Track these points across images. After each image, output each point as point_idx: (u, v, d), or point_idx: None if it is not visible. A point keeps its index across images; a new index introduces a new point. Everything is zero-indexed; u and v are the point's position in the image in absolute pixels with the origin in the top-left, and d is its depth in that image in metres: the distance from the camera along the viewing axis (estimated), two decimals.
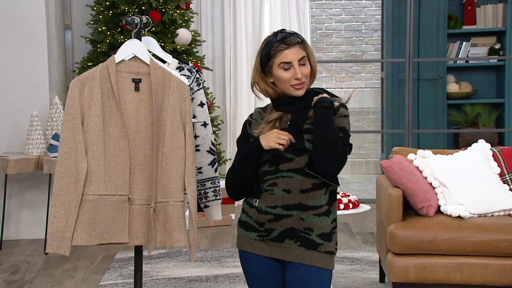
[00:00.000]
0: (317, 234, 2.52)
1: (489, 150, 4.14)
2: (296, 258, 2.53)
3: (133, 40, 3.02)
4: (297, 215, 2.51)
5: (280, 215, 2.52)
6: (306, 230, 2.52)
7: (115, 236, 2.97)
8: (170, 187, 2.98)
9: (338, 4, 8.94)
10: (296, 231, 2.52)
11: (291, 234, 2.52)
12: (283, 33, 2.53)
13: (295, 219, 2.51)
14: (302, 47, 2.52)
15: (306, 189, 2.51)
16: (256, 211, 2.55)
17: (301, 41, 2.52)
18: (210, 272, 4.64)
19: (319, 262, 2.52)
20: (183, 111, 2.99)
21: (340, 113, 2.54)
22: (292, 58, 2.50)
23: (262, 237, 2.56)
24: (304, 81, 2.51)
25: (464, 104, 7.81)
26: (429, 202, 3.83)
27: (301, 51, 2.51)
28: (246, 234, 2.60)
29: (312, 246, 2.52)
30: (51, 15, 5.77)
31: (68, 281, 4.56)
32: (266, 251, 2.56)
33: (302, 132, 2.53)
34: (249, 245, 2.59)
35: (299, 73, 2.49)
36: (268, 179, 2.54)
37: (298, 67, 2.50)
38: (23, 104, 5.55)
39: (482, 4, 7.78)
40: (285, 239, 2.53)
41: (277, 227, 2.52)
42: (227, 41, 6.79)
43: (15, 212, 5.63)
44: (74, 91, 2.91)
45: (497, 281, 3.70)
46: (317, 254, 2.52)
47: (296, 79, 2.50)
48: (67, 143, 2.90)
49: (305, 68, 2.52)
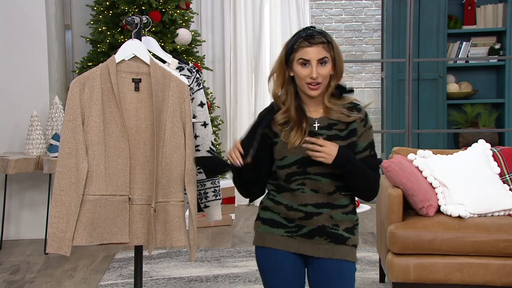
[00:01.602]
0: (343, 228, 2.58)
1: (489, 150, 4.14)
2: (326, 253, 2.57)
3: (133, 40, 3.03)
4: (327, 213, 2.56)
5: (311, 213, 2.55)
6: (334, 226, 2.57)
7: (116, 236, 2.97)
8: (170, 187, 2.98)
9: (338, 4, 8.94)
10: (326, 228, 2.56)
11: (321, 231, 2.56)
12: (310, 30, 2.53)
13: (325, 217, 2.56)
14: (326, 48, 2.51)
15: (331, 192, 2.56)
16: (285, 208, 2.57)
17: (326, 42, 2.52)
18: (210, 272, 4.64)
19: (348, 256, 2.58)
20: (183, 111, 2.99)
21: (368, 125, 2.58)
22: (312, 56, 2.50)
23: (291, 233, 2.58)
24: (319, 81, 2.51)
25: (464, 104, 7.80)
26: (429, 202, 3.83)
27: (323, 51, 2.51)
28: (271, 231, 2.61)
29: (341, 240, 2.57)
30: (51, 15, 5.77)
31: (68, 281, 4.56)
32: (293, 247, 2.58)
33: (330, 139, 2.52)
34: (274, 241, 2.60)
35: (315, 72, 2.49)
36: (296, 179, 2.55)
37: (315, 66, 2.50)
38: (23, 104, 5.55)
39: (482, 4, 7.77)
40: (315, 236, 2.57)
41: (307, 224, 2.56)
42: (227, 41, 6.79)
43: (15, 212, 5.62)
44: (75, 91, 2.91)
45: (497, 281, 3.70)
46: (346, 248, 2.58)
47: (311, 77, 2.50)
48: (67, 143, 2.90)
49: (323, 68, 2.51)
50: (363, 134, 2.57)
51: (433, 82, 7.79)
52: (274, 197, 2.61)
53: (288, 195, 2.57)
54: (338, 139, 2.52)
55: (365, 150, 2.57)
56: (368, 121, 2.58)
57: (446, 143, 7.84)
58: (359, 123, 2.56)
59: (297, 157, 2.53)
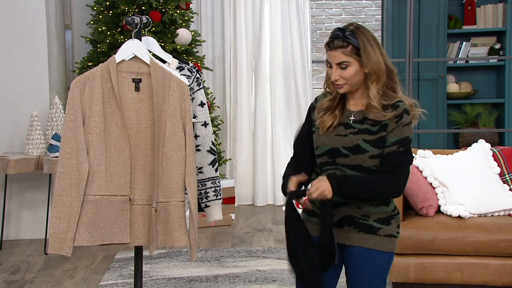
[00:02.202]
0: (374, 219, 2.61)
1: (489, 150, 4.14)
2: (356, 241, 2.62)
3: (133, 40, 3.03)
4: (354, 203, 2.60)
5: (338, 203, 2.60)
6: (363, 217, 2.62)
7: (117, 236, 2.97)
8: (171, 187, 2.98)
9: (338, 4, 8.94)
10: (353, 218, 2.61)
11: (349, 221, 2.62)
12: (335, 33, 2.57)
13: (352, 207, 2.61)
14: (347, 52, 2.54)
15: None
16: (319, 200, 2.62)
17: (345, 45, 2.54)
18: (210, 272, 4.64)
19: (378, 245, 2.61)
20: (183, 111, 2.99)
21: (402, 122, 2.58)
22: (332, 60, 2.58)
23: None
24: (341, 83, 2.58)
25: (464, 104, 7.81)
26: (429, 202, 3.83)
27: (342, 56, 2.55)
28: (309, 218, 2.70)
29: (371, 230, 2.61)
30: (51, 15, 5.77)
31: (68, 281, 4.56)
32: None
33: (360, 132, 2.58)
34: (311, 228, 2.66)
35: (334, 75, 2.57)
36: (327, 169, 2.63)
37: (336, 69, 2.57)
38: (23, 104, 5.55)
39: (482, 4, 7.77)
40: (344, 225, 2.63)
41: (336, 213, 2.62)
42: (227, 41, 6.79)
43: (15, 212, 5.62)
44: (75, 91, 2.91)
45: (497, 281, 3.70)
46: (376, 238, 2.61)
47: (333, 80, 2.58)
48: (68, 143, 2.90)
49: (344, 72, 2.56)
50: (394, 130, 2.57)
51: (433, 82, 7.79)
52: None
53: None
54: (368, 133, 2.58)
55: (393, 145, 2.56)
56: (403, 118, 2.58)
57: (446, 143, 7.84)
58: (392, 119, 2.58)
59: (327, 147, 2.61)
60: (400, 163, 2.56)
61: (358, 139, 2.57)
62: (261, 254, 5.03)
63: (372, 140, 2.56)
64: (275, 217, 6.28)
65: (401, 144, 2.56)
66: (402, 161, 2.57)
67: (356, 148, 2.57)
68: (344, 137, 2.59)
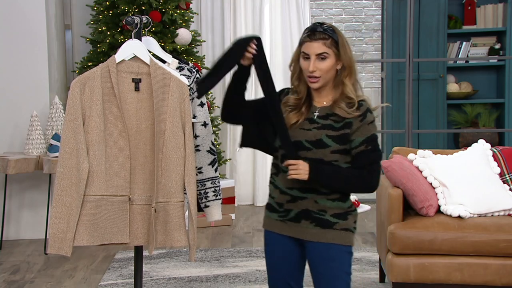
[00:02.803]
0: (331, 214, 2.68)
1: (489, 150, 4.14)
2: (313, 237, 2.70)
3: (133, 40, 3.03)
4: (312, 198, 2.68)
5: (296, 197, 2.69)
6: (320, 211, 2.68)
7: (116, 236, 2.97)
8: (170, 187, 2.98)
9: (338, 4, 8.94)
10: (310, 212, 2.69)
11: (306, 215, 2.70)
12: (314, 26, 2.65)
13: (309, 202, 2.68)
14: (327, 44, 2.63)
15: None
16: (279, 192, 2.72)
17: (327, 38, 2.62)
18: (210, 272, 4.64)
19: (335, 239, 2.69)
20: (183, 111, 2.99)
21: (366, 120, 2.66)
22: (311, 51, 2.63)
23: (282, 217, 2.73)
24: (317, 75, 2.64)
25: (464, 104, 7.80)
26: (429, 202, 3.83)
27: (322, 47, 2.62)
28: (269, 215, 2.81)
29: (328, 225, 2.68)
30: (51, 15, 5.77)
31: (68, 281, 4.56)
32: (286, 230, 2.74)
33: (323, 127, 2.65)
34: (271, 224, 2.78)
35: (312, 65, 2.62)
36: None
37: (314, 61, 2.63)
38: (23, 104, 5.55)
39: (482, 4, 7.77)
40: (301, 219, 2.70)
41: (293, 208, 2.70)
42: (227, 41, 6.79)
43: (15, 212, 5.63)
44: (75, 91, 2.91)
45: (497, 281, 3.70)
46: (333, 232, 2.69)
47: (309, 71, 2.63)
48: (68, 143, 2.90)
49: (322, 63, 2.63)
50: (360, 129, 2.65)
51: (433, 82, 7.78)
52: (274, 181, 2.76)
53: (281, 176, 2.71)
54: (331, 129, 2.65)
55: (361, 144, 2.66)
56: (367, 117, 2.66)
57: (446, 143, 7.84)
58: (356, 117, 2.66)
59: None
60: (371, 161, 2.65)
61: (321, 134, 2.65)
62: (261, 254, 5.03)
63: (334, 136, 2.65)
64: None
65: (368, 143, 2.65)
66: (373, 158, 2.65)
67: (319, 143, 2.65)
68: (307, 131, 2.67)
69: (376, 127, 2.70)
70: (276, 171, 2.77)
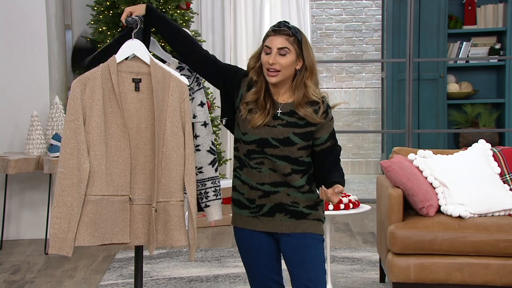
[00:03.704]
0: (303, 206, 2.77)
1: (490, 150, 4.14)
2: (289, 228, 2.76)
3: (133, 40, 3.03)
4: (284, 191, 2.75)
5: (268, 192, 2.76)
6: (293, 203, 2.76)
7: (117, 236, 2.97)
8: (171, 187, 2.98)
9: (338, 4, 8.94)
10: (284, 205, 2.76)
11: (280, 208, 2.76)
12: (281, 23, 2.73)
13: (282, 195, 2.75)
14: (290, 40, 2.69)
15: (287, 173, 2.74)
16: (249, 187, 2.79)
17: (290, 35, 2.68)
18: (210, 272, 4.64)
19: (310, 228, 2.76)
20: (183, 110, 2.99)
21: (329, 117, 2.76)
22: (273, 44, 2.68)
23: (254, 213, 2.80)
24: (277, 68, 2.68)
25: (465, 104, 7.81)
26: (429, 202, 3.83)
27: (284, 42, 2.68)
28: (239, 212, 2.87)
29: (302, 216, 2.76)
30: (52, 15, 5.77)
31: (68, 281, 4.56)
32: (259, 226, 2.80)
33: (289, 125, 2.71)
34: (242, 221, 2.87)
35: (273, 58, 2.67)
36: (255, 157, 2.75)
37: (275, 54, 2.68)
38: (24, 104, 5.55)
39: (483, 4, 7.77)
40: (276, 213, 2.76)
41: (267, 202, 2.76)
42: (228, 41, 6.79)
43: (15, 212, 5.63)
44: (76, 91, 2.91)
45: (497, 281, 3.70)
46: (308, 222, 2.77)
47: (269, 63, 2.67)
48: (69, 143, 2.89)
49: (283, 58, 2.68)
50: (325, 126, 2.75)
51: (433, 82, 7.79)
52: (240, 175, 2.84)
53: (248, 172, 2.78)
54: (296, 127, 2.72)
55: (327, 141, 2.76)
56: (329, 113, 2.75)
57: (446, 143, 7.84)
58: (320, 114, 2.73)
59: (256, 136, 2.74)
60: (337, 154, 2.78)
61: (288, 132, 2.71)
62: None
63: (300, 133, 2.72)
64: None
65: (332, 138, 2.78)
66: (338, 152, 2.79)
67: (286, 141, 2.71)
68: (273, 128, 2.72)
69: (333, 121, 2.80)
70: (240, 165, 2.82)
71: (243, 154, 2.79)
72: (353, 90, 8.86)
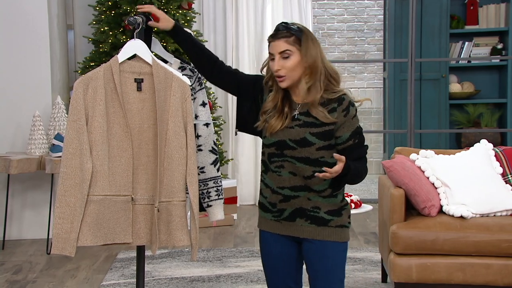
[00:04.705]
0: (325, 211, 2.68)
1: (492, 150, 4.14)
2: (309, 234, 2.70)
3: (135, 40, 3.03)
4: (304, 195, 2.67)
5: (288, 196, 2.69)
6: (314, 208, 2.68)
7: (119, 236, 2.97)
8: (173, 187, 2.98)
9: (340, 4, 8.94)
10: (304, 210, 2.69)
11: (301, 213, 2.69)
12: (278, 25, 2.66)
13: (302, 200, 2.68)
14: (290, 41, 2.61)
15: (308, 176, 2.66)
16: (271, 191, 2.72)
17: (289, 36, 2.61)
18: (212, 272, 4.64)
19: (331, 236, 2.69)
20: (185, 110, 2.99)
21: (350, 115, 2.65)
22: (274, 50, 2.63)
23: (276, 217, 2.74)
24: (282, 74, 2.62)
25: (467, 104, 7.80)
26: (431, 202, 3.83)
27: (284, 45, 2.61)
28: (263, 215, 2.82)
29: (322, 222, 2.68)
30: (54, 15, 5.78)
31: (70, 281, 4.57)
32: (281, 230, 2.74)
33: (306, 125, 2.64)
34: (267, 225, 2.80)
35: (276, 65, 2.62)
36: (275, 161, 2.69)
37: (278, 60, 2.62)
38: (26, 104, 5.56)
39: (485, 4, 7.77)
40: (296, 218, 2.70)
41: (287, 207, 2.70)
42: (229, 41, 6.79)
43: (17, 212, 5.63)
44: (79, 91, 2.91)
45: (499, 281, 3.70)
46: (329, 230, 2.69)
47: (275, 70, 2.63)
48: (71, 143, 2.90)
49: (286, 61, 2.61)
50: (345, 124, 2.65)
51: (435, 82, 7.79)
52: (264, 179, 2.78)
53: (270, 176, 2.72)
54: (314, 126, 2.64)
55: (348, 140, 2.65)
56: (350, 111, 2.65)
57: (448, 143, 7.84)
58: (339, 112, 2.64)
59: (275, 139, 2.68)
60: (360, 154, 2.66)
61: (304, 132, 2.64)
62: None
63: (318, 133, 2.63)
64: None
65: (355, 137, 2.65)
66: (362, 151, 2.67)
67: (303, 141, 2.63)
68: (290, 129, 2.66)
69: (358, 119, 2.68)
70: (265, 169, 2.76)
71: (266, 157, 2.73)
72: (355, 90, 8.86)
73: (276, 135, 2.66)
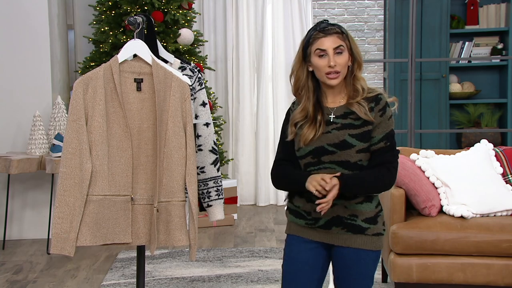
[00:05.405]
0: (362, 219, 2.60)
1: (492, 150, 4.14)
2: (344, 242, 2.62)
3: (135, 40, 3.03)
4: (341, 204, 2.58)
5: None
6: (351, 216, 2.60)
7: (119, 236, 2.97)
8: (172, 187, 2.98)
9: (340, 4, 8.94)
10: (341, 218, 2.60)
11: (338, 222, 2.60)
12: (323, 23, 2.59)
13: (339, 208, 2.59)
14: (341, 37, 2.56)
15: None
16: (305, 200, 2.63)
17: (340, 32, 2.57)
18: (212, 272, 4.64)
19: (366, 245, 2.62)
20: (184, 110, 2.99)
21: (386, 115, 2.59)
22: (328, 46, 2.55)
23: (310, 225, 2.64)
24: (338, 70, 2.55)
25: (467, 104, 7.80)
26: (431, 202, 3.82)
27: (338, 40, 2.55)
28: (296, 221, 2.68)
29: (359, 230, 2.61)
30: (54, 15, 5.77)
31: (70, 281, 4.57)
32: (314, 236, 2.65)
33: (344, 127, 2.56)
34: (298, 230, 2.69)
35: (333, 60, 2.54)
36: (311, 170, 2.60)
37: (332, 55, 2.54)
38: (26, 104, 5.56)
39: (485, 4, 7.76)
40: (332, 226, 2.62)
41: (323, 216, 2.60)
42: (230, 41, 6.79)
43: (18, 212, 5.63)
44: (78, 91, 2.91)
45: (499, 281, 3.69)
46: (365, 238, 2.61)
47: (329, 66, 2.54)
48: (71, 143, 2.90)
49: (340, 57, 2.56)
50: (380, 125, 2.58)
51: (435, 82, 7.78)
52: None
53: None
54: (352, 128, 2.56)
55: (380, 141, 2.57)
56: (387, 111, 2.58)
57: (448, 143, 7.83)
58: (376, 112, 2.58)
59: (310, 147, 2.58)
60: (390, 158, 2.57)
61: (344, 135, 2.56)
62: (263, 254, 5.03)
63: (357, 134, 2.56)
64: (277, 217, 6.28)
65: (387, 139, 2.58)
66: (391, 156, 2.58)
67: (343, 144, 2.56)
68: (327, 134, 2.57)
69: (393, 122, 2.61)
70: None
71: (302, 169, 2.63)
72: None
73: (312, 143, 2.57)
